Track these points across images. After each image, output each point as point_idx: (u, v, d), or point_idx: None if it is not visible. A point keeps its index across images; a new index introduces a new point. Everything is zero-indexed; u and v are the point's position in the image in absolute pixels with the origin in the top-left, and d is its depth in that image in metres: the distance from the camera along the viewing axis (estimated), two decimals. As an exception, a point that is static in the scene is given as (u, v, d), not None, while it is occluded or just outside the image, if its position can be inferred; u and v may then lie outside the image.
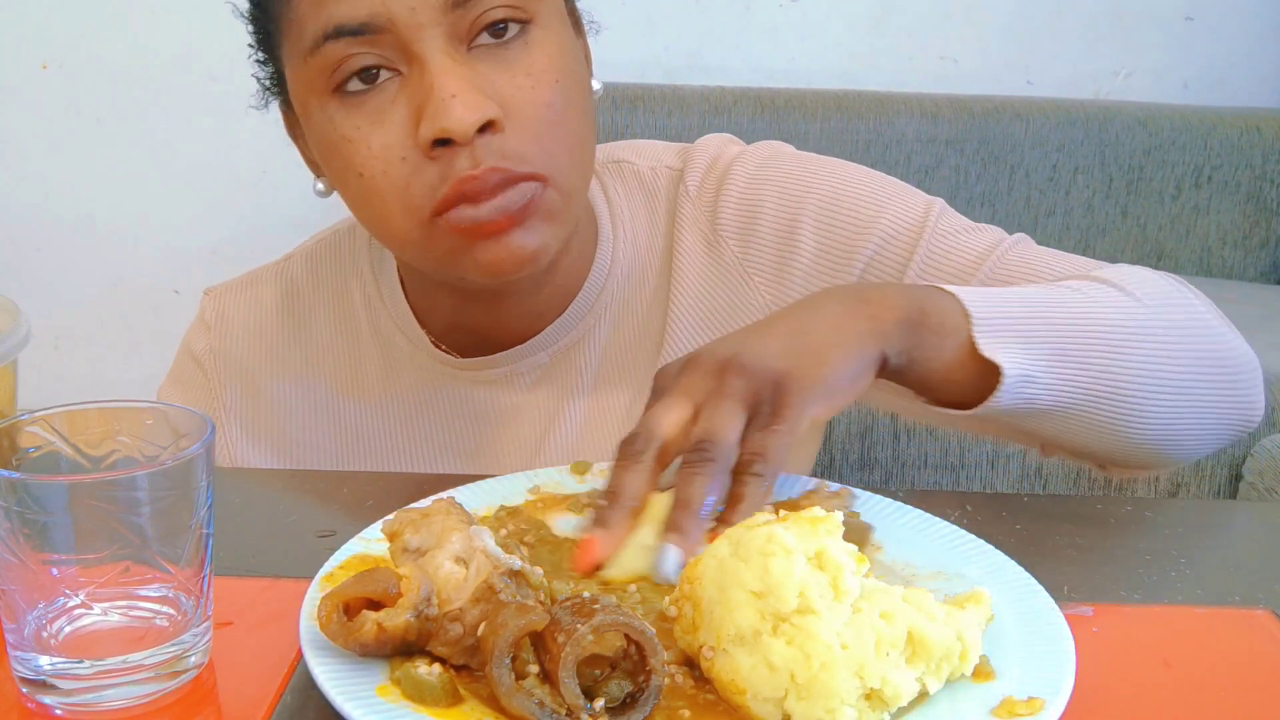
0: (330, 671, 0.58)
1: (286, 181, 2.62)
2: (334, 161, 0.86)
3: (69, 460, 0.64)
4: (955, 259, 0.93)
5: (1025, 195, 2.44)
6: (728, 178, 0.98)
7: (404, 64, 0.82)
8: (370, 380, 1.01)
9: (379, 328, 1.01)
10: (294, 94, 0.88)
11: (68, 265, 2.70)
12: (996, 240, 0.94)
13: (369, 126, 0.83)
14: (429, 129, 0.80)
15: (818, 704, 0.56)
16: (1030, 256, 0.93)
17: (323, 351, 1.02)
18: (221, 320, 1.04)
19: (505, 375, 0.98)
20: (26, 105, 2.63)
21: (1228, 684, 0.64)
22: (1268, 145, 2.44)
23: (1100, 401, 0.81)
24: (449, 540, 0.62)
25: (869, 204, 0.95)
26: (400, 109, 0.82)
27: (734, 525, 0.64)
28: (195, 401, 1.03)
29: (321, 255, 1.05)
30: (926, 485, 1.71)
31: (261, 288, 1.05)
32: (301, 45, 0.83)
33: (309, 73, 0.84)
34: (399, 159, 0.82)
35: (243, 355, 1.03)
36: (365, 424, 1.01)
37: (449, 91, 0.80)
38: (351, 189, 0.86)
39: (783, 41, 2.62)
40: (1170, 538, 0.80)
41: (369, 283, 1.02)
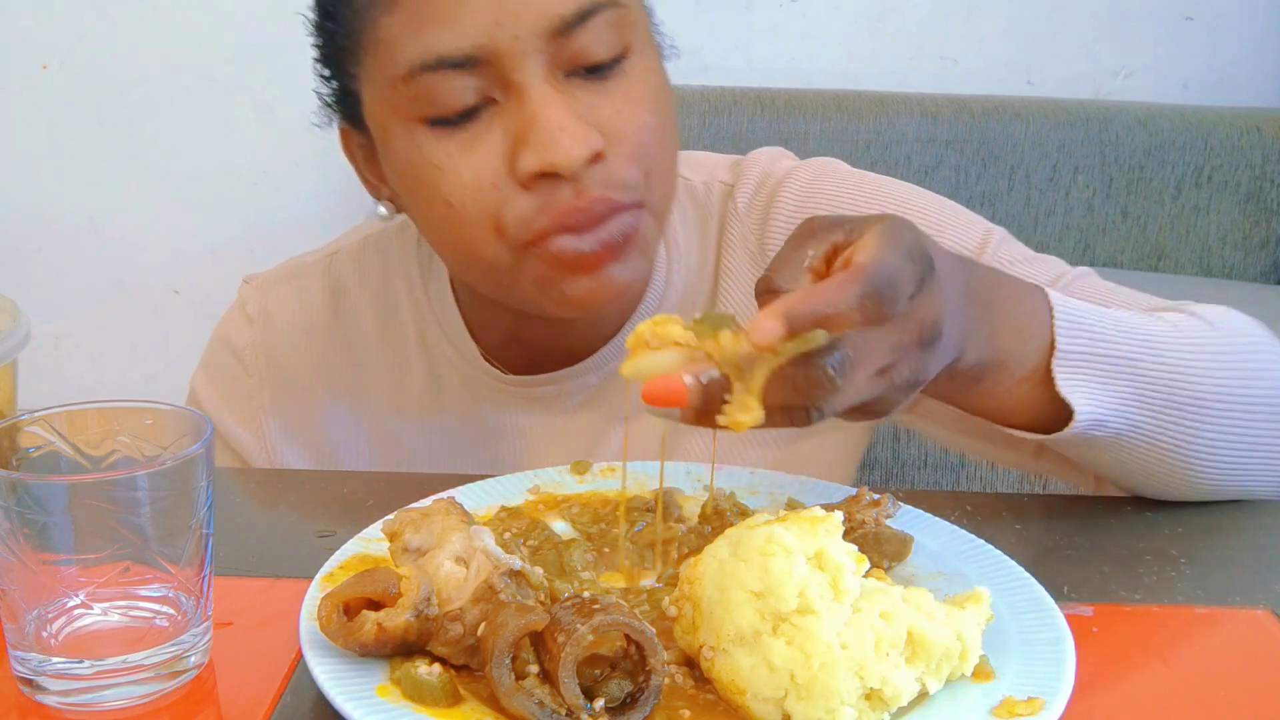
0: (330, 671, 0.58)
1: (286, 181, 2.62)
2: (418, 188, 0.83)
3: (69, 460, 0.64)
4: None
5: (1025, 195, 2.44)
6: (778, 196, 0.95)
7: (500, 92, 0.79)
8: (414, 389, 0.99)
9: (426, 336, 0.99)
10: (371, 116, 0.85)
11: (68, 266, 2.70)
12: (1059, 274, 0.90)
13: (460, 155, 0.80)
14: (533, 161, 0.77)
15: (818, 704, 0.56)
16: (1090, 294, 0.89)
17: (367, 356, 1.00)
18: (265, 315, 1.01)
19: (553, 394, 0.97)
20: (26, 105, 2.63)
21: (1228, 684, 0.64)
22: (1268, 145, 2.44)
23: (1169, 452, 0.79)
24: (449, 540, 0.62)
25: (926, 229, 0.91)
26: (495, 137, 0.79)
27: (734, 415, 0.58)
28: (232, 397, 1.01)
29: (368, 254, 1.02)
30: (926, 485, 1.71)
31: (306, 282, 1.02)
32: (391, 70, 0.79)
33: (396, 98, 0.80)
34: (491, 187, 0.79)
35: (286, 354, 1.00)
36: (406, 433, 0.99)
37: (556, 124, 0.77)
38: (437, 216, 0.83)
39: (783, 41, 2.62)
40: (1170, 538, 0.80)
41: (417, 288, 0.99)
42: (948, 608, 0.60)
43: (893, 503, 0.72)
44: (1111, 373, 0.75)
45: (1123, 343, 0.76)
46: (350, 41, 0.82)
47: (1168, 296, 0.93)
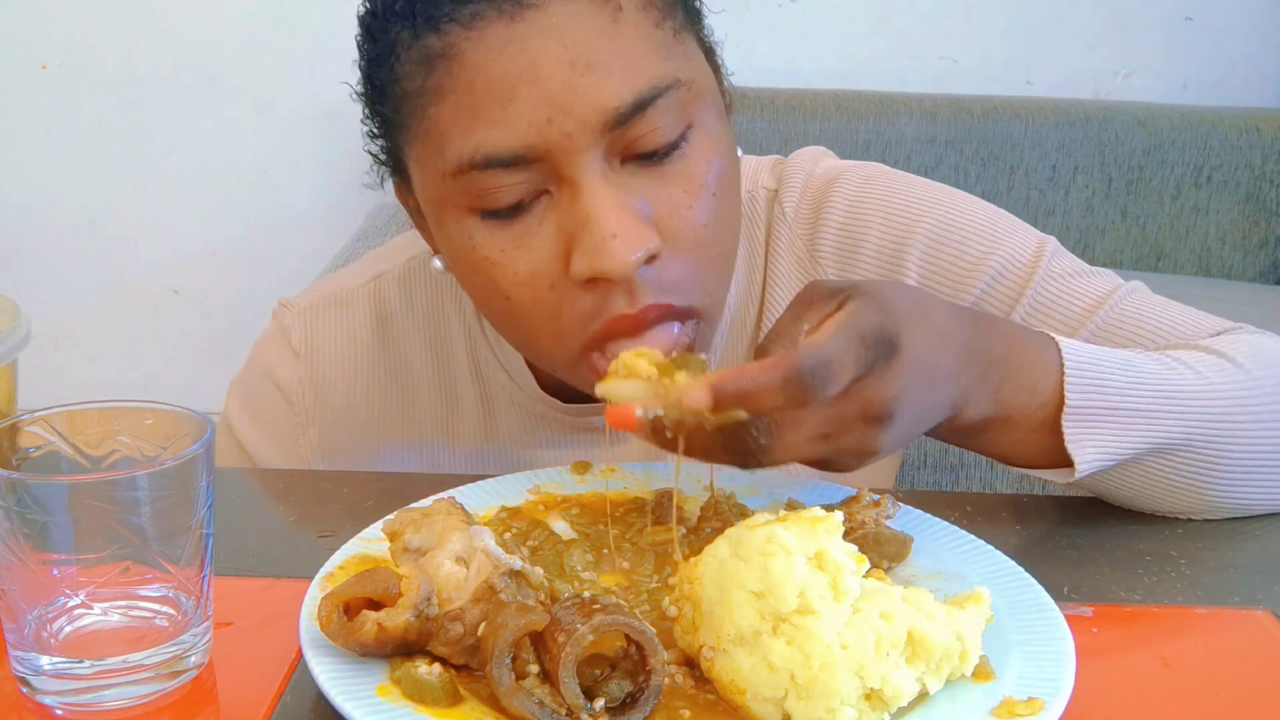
0: (330, 671, 0.58)
1: (286, 181, 2.62)
2: (473, 277, 0.81)
3: (69, 460, 0.64)
4: (1065, 306, 0.88)
5: (1025, 195, 2.44)
6: (828, 199, 0.93)
7: (553, 184, 0.76)
8: (466, 419, 0.97)
9: (479, 364, 0.96)
10: (422, 196, 0.82)
11: (68, 265, 2.70)
12: (1111, 289, 0.89)
13: (514, 249, 0.77)
14: (585, 267, 0.74)
15: (818, 704, 0.56)
16: (1144, 310, 0.88)
17: (416, 385, 0.97)
18: (311, 348, 0.97)
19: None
20: (26, 105, 2.63)
21: (1227, 684, 0.64)
22: (1267, 145, 2.44)
23: (1182, 489, 0.80)
24: (449, 540, 0.62)
25: (980, 240, 0.90)
26: (549, 233, 0.76)
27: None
28: (278, 434, 0.98)
29: (414, 280, 0.98)
30: (926, 485, 1.71)
31: (352, 311, 0.98)
32: (441, 163, 0.77)
33: (446, 190, 0.78)
34: (548, 286, 0.77)
35: (335, 390, 0.97)
36: (458, 464, 0.97)
37: (608, 231, 0.73)
38: (495, 308, 0.81)
39: (782, 41, 2.62)
40: (1170, 538, 0.80)
41: (470, 314, 0.96)
42: (948, 608, 0.60)
43: (893, 503, 0.72)
44: (1125, 424, 0.76)
45: (1137, 395, 0.76)
46: (399, 118, 0.80)
47: (1168, 296, 0.92)
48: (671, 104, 0.76)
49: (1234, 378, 0.80)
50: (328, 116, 2.51)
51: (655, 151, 0.76)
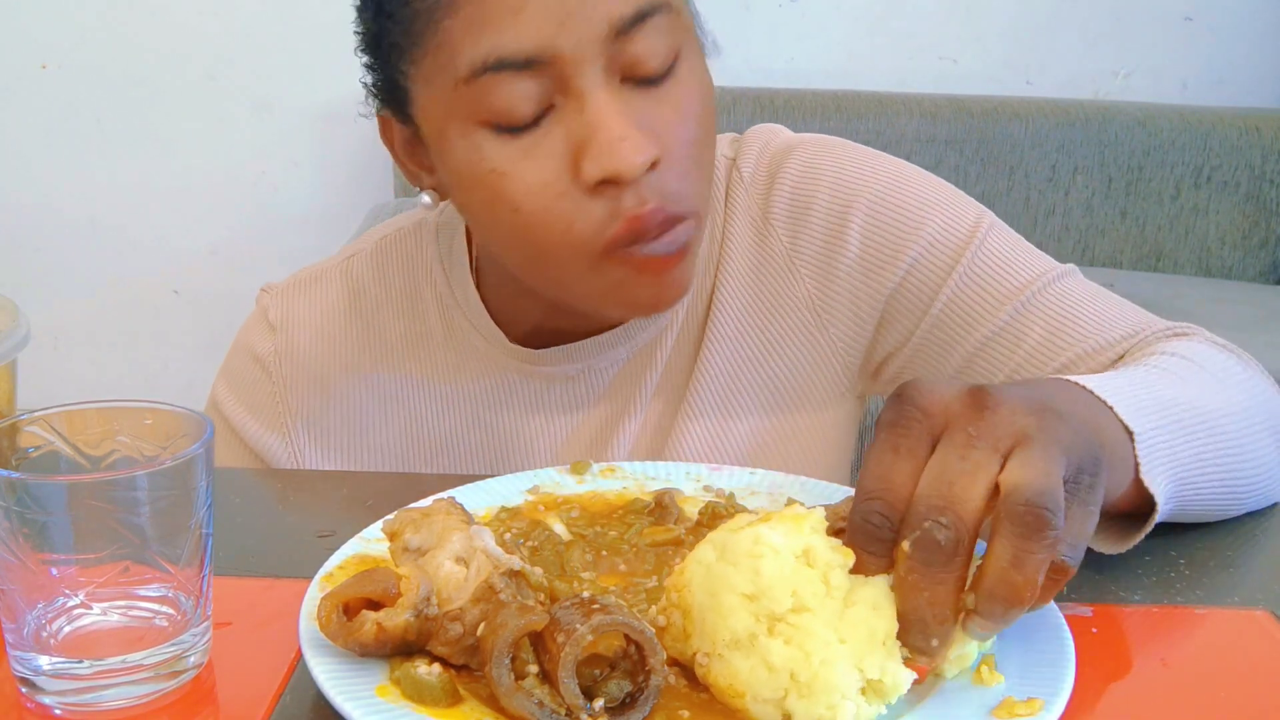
0: (330, 671, 0.58)
1: (286, 181, 2.62)
2: (479, 192, 0.83)
3: (69, 460, 0.64)
4: (997, 281, 0.91)
5: (1025, 195, 2.44)
6: (783, 166, 0.97)
7: (560, 95, 0.80)
8: (442, 377, 1.00)
9: (452, 325, 1.00)
10: (425, 116, 0.85)
11: (67, 265, 2.71)
12: (1042, 270, 0.91)
13: (523, 160, 0.80)
14: (596, 169, 0.78)
15: (819, 700, 0.56)
16: (1070, 297, 0.90)
17: (393, 350, 1.00)
18: (286, 321, 1.01)
19: (582, 371, 0.98)
20: (26, 105, 2.63)
21: (1227, 684, 0.64)
22: (1267, 145, 2.44)
23: (1215, 501, 0.79)
24: (449, 540, 0.62)
25: (918, 204, 0.94)
26: (556, 143, 0.80)
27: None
28: (259, 405, 1.01)
29: (387, 253, 1.03)
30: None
31: (326, 286, 1.03)
32: (452, 73, 0.79)
33: (456, 100, 0.80)
34: (557, 195, 0.80)
35: (310, 357, 1.01)
36: (435, 422, 1.00)
37: (617, 134, 0.78)
38: (503, 221, 0.83)
39: (782, 41, 2.62)
40: (1170, 538, 0.80)
41: (440, 282, 1.00)
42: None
43: None
44: (1174, 442, 0.73)
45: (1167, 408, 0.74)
46: (406, 40, 0.82)
47: (1168, 296, 0.93)
48: (663, 25, 0.81)
49: (1216, 386, 0.81)
50: (328, 116, 2.51)
51: (650, 76, 0.81)
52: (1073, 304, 0.90)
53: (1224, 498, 0.79)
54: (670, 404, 0.98)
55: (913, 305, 0.93)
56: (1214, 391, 0.80)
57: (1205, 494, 0.77)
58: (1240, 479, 0.80)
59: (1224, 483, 0.78)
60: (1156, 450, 0.70)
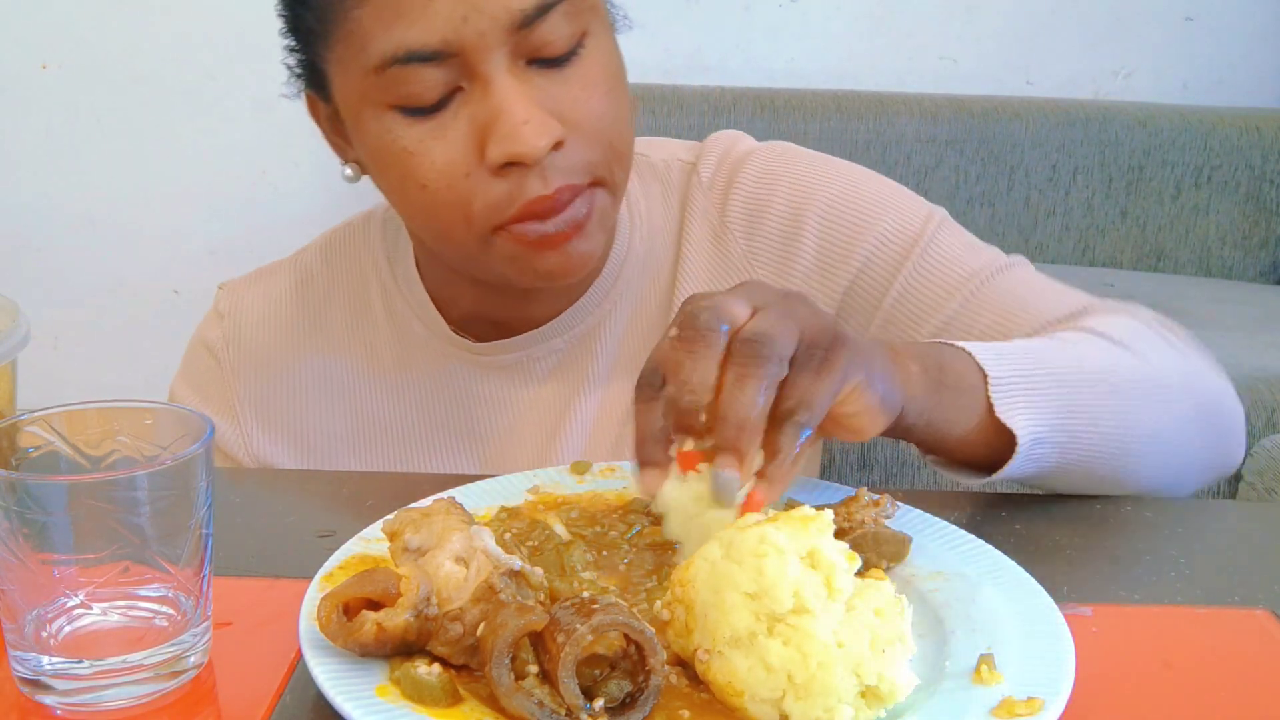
0: (330, 671, 0.58)
1: (286, 181, 2.62)
2: (391, 170, 0.87)
3: (69, 460, 0.64)
4: (945, 274, 0.94)
5: (1025, 195, 2.44)
6: (740, 171, 1.00)
7: (466, 81, 0.83)
8: (386, 365, 1.02)
9: (395, 314, 1.02)
10: (342, 98, 0.89)
11: (68, 265, 2.70)
12: (989, 261, 0.95)
13: (431, 141, 0.84)
14: (500, 152, 0.82)
15: (816, 703, 0.56)
16: (1017, 285, 0.94)
17: (338, 337, 1.03)
18: (236, 310, 1.05)
19: (521, 361, 1.00)
20: (26, 105, 2.63)
21: (1227, 684, 0.64)
22: (1267, 145, 2.44)
23: (1104, 459, 0.82)
24: (449, 540, 0.62)
25: (871, 205, 0.97)
26: (463, 125, 0.84)
27: (770, 481, 0.64)
28: (209, 391, 1.04)
29: (334, 246, 1.06)
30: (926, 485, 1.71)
31: (275, 279, 1.06)
32: (363, 61, 0.83)
33: (367, 86, 0.84)
34: (463, 175, 0.84)
35: (257, 342, 1.03)
36: (380, 408, 1.02)
37: (520, 117, 0.82)
38: (412, 198, 0.87)
39: (782, 41, 2.62)
40: (1170, 538, 0.80)
41: (385, 272, 1.03)
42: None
43: (892, 503, 0.72)
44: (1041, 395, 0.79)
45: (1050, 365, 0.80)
46: (321, 27, 0.86)
47: (1168, 296, 0.94)
48: (568, 12, 0.83)
49: (1116, 353, 0.85)
50: (327, 116, 2.51)
51: (555, 58, 0.84)
52: (1020, 292, 0.93)
53: (1114, 457, 0.82)
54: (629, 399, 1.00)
55: (866, 302, 0.96)
56: (1116, 359, 0.84)
57: (1088, 447, 0.81)
58: (1133, 442, 0.83)
59: (1111, 439, 0.82)
60: (1015, 391, 0.77)
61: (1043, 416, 0.78)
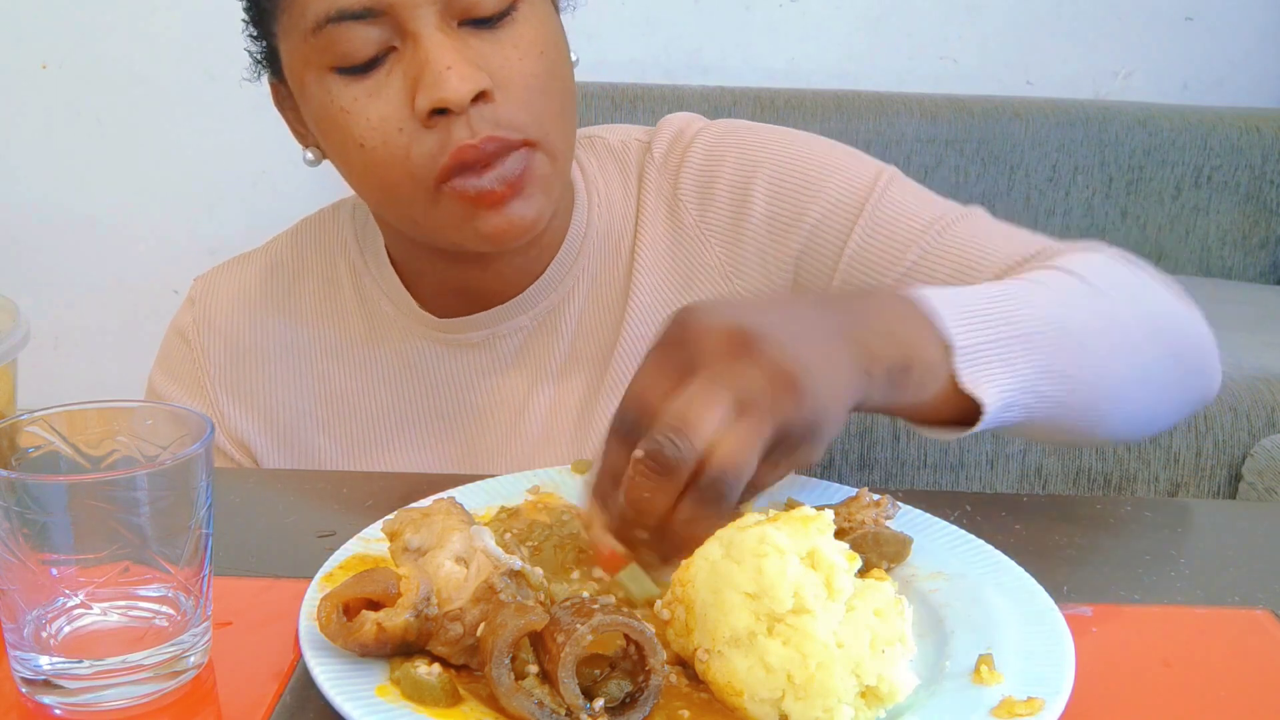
0: (330, 671, 0.58)
1: (286, 181, 2.62)
2: (333, 133, 0.90)
3: (69, 460, 0.64)
4: (899, 228, 0.95)
5: (1025, 195, 2.44)
6: (691, 146, 1.03)
7: (399, 40, 0.86)
8: (355, 343, 1.04)
9: (365, 294, 1.05)
10: (289, 69, 0.92)
11: (67, 265, 2.70)
12: (944, 211, 0.95)
13: (366, 99, 0.87)
14: (425, 99, 0.85)
15: (815, 703, 0.56)
16: (975, 233, 0.94)
17: (307, 316, 1.05)
18: (205, 296, 1.07)
19: (487, 338, 1.01)
20: (26, 105, 2.63)
21: (1227, 684, 0.64)
22: (1267, 145, 2.44)
23: (1076, 410, 0.81)
24: (449, 540, 0.62)
25: (818, 169, 0.98)
26: (396, 81, 0.87)
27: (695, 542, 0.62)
28: (181, 374, 1.06)
29: (305, 232, 1.09)
30: (926, 485, 1.71)
31: (245, 266, 1.09)
32: (302, 24, 0.87)
33: (307, 50, 0.88)
34: (396, 129, 0.87)
35: (226, 323, 1.06)
36: (349, 386, 1.04)
37: (444, 64, 0.84)
38: (353, 160, 0.90)
39: (782, 41, 2.62)
40: (1170, 538, 0.80)
41: (354, 254, 1.06)
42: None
43: (893, 504, 0.72)
44: (1007, 355, 0.76)
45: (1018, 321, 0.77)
46: (270, 3, 0.90)
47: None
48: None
49: (1078, 286, 0.84)
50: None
51: (485, 19, 0.87)
52: (979, 239, 0.93)
53: (1085, 409, 0.81)
54: (593, 378, 1.01)
55: (821, 263, 0.97)
56: (1084, 302, 0.83)
57: (1057, 404, 0.78)
58: (1104, 393, 0.82)
59: (1080, 393, 0.79)
60: (981, 361, 0.74)
61: (1010, 381, 0.75)
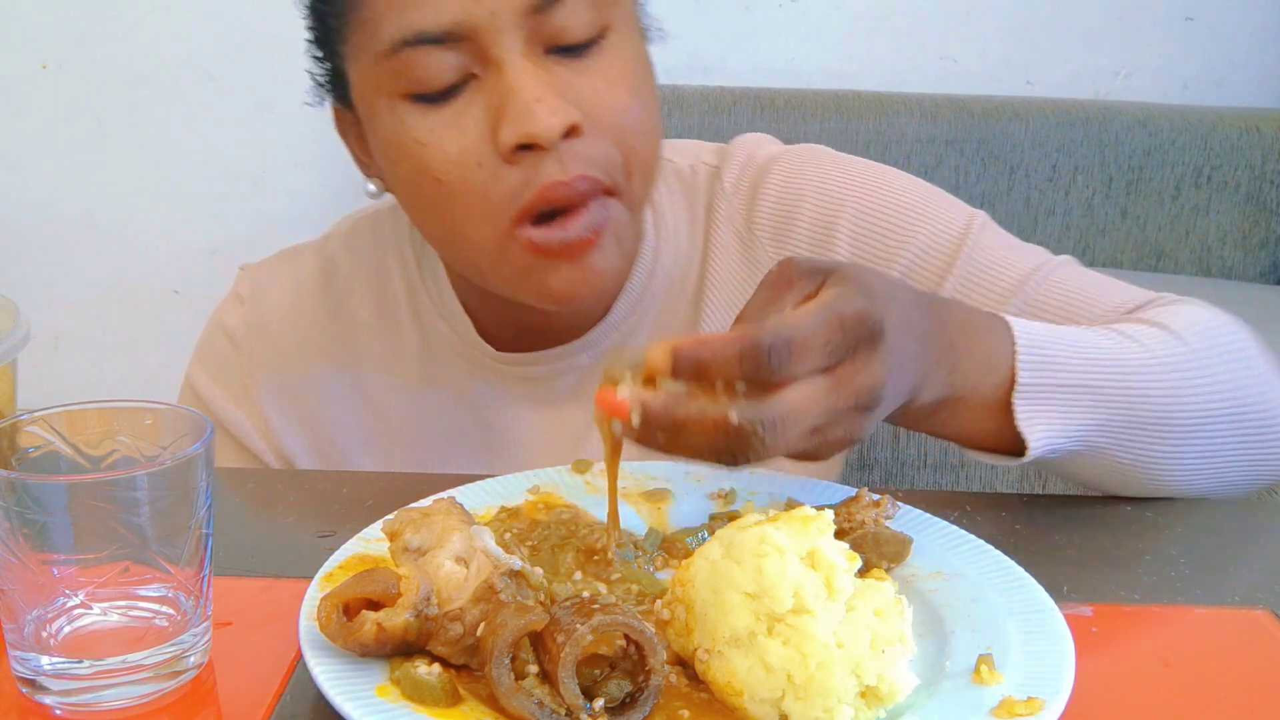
0: (330, 671, 0.58)
1: (286, 181, 2.62)
2: (403, 165, 0.84)
3: (69, 460, 0.64)
4: (994, 279, 0.90)
5: (1025, 195, 2.44)
6: (766, 176, 0.97)
7: (480, 67, 0.81)
8: (407, 361, 1.00)
9: (420, 313, 1.00)
10: (358, 93, 0.87)
11: (68, 265, 2.70)
12: (1040, 262, 0.91)
13: (444, 130, 0.81)
14: (512, 133, 0.79)
15: (815, 703, 0.56)
16: (1074, 283, 0.90)
17: (361, 332, 1.01)
18: (257, 295, 1.02)
19: (547, 374, 0.97)
20: (26, 105, 2.63)
21: (1227, 684, 0.64)
22: (1267, 145, 2.43)
23: (1128, 467, 0.80)
24: (449, 540, 0.62)
25: (907, 213, 0.93)
26: (476, 112, 0.81)
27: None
28: (226, 377, 1.01)
29: (360, 233, 1.03)
30: (926, 485, 1.71)
31: (299, 263, 1.03)
32: (375, 46, 0.82)
33: (380, 74, 0.82)
34: (476, 165, 0.81)
35: (279, 332, 1.01)
36: (398, 407, 1.00)
37: (532, 95, 0.79)
38: (425, 194, 0.84)
39: (783, 41, 2.62)
40: (1170, 538, 0.80)
41: (410, 266, 1.00)
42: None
43: (893, 504, 0.72)
44: (1072, 402, 0.76)
45: (1085, 371, 0.77)
46: (338, 21, 0.84)
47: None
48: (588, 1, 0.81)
49: (1175, 350, 0.81)
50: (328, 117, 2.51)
51: (575, 46, 0.81)
52: (1084, 289, 0.90)
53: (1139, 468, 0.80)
54: None
55: None
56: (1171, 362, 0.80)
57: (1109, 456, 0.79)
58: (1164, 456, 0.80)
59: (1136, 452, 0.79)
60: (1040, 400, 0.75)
61: (1063, 426, 0.76)
